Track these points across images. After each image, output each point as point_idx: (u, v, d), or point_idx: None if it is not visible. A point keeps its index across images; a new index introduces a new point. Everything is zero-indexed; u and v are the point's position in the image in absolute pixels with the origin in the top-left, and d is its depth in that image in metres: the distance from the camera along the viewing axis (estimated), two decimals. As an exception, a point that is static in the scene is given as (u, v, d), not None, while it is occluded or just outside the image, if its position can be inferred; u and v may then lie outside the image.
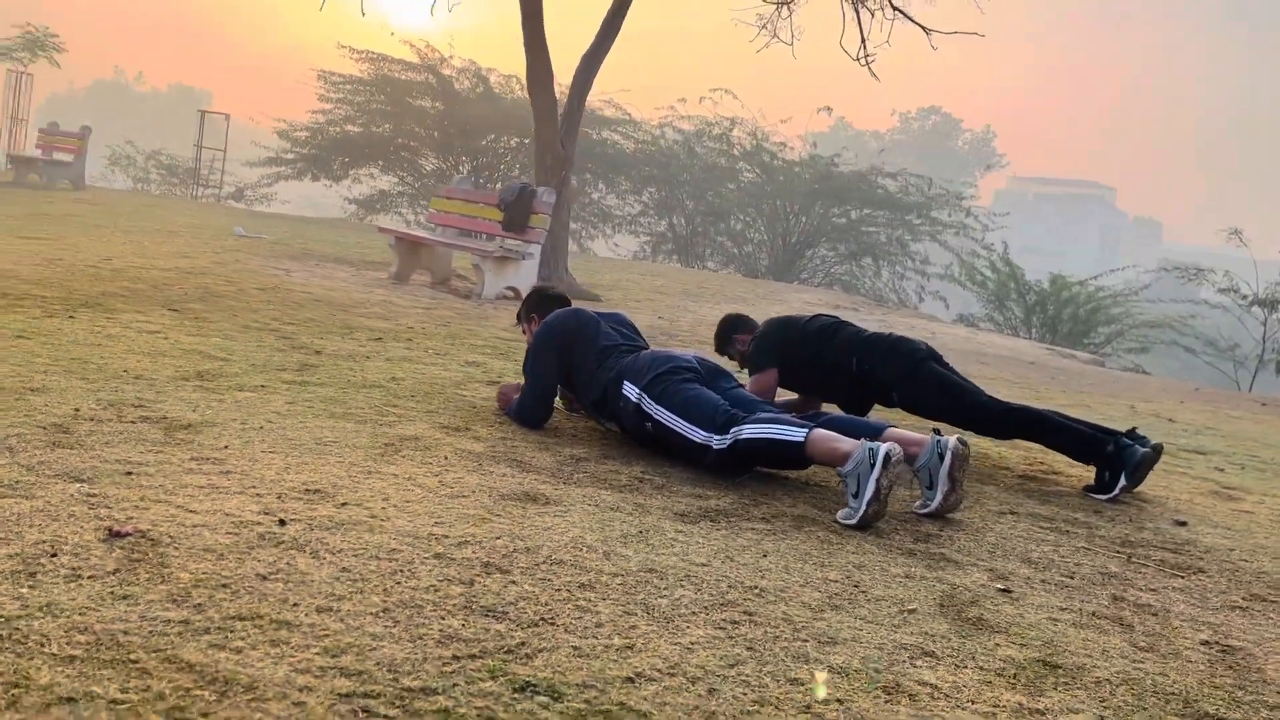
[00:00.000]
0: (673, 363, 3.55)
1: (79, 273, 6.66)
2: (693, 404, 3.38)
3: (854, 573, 2.50)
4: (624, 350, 3.74)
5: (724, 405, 3.35)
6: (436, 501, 2.63)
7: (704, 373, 3.60)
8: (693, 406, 3.37)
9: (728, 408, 3.33)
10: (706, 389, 3.48)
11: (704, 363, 3.66)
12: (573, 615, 1.99)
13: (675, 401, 3.40)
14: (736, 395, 3.55)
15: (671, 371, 3.51)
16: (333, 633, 1.76)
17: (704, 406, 3.35)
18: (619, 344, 3.79)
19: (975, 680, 1.93)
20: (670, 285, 12.49)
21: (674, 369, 3.52)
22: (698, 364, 3.62)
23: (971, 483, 3.75)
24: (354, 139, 20.25)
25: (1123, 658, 2.15)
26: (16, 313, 4.79)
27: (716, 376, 3.63)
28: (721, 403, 3.37)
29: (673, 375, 3.49)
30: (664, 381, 3.47)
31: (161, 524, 2.18)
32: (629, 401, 3.52)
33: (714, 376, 3.62)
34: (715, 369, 3.67)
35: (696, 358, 3.67)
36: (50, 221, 10.73)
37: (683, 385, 3.45)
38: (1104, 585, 2.67)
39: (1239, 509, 3.88)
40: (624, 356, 3.69)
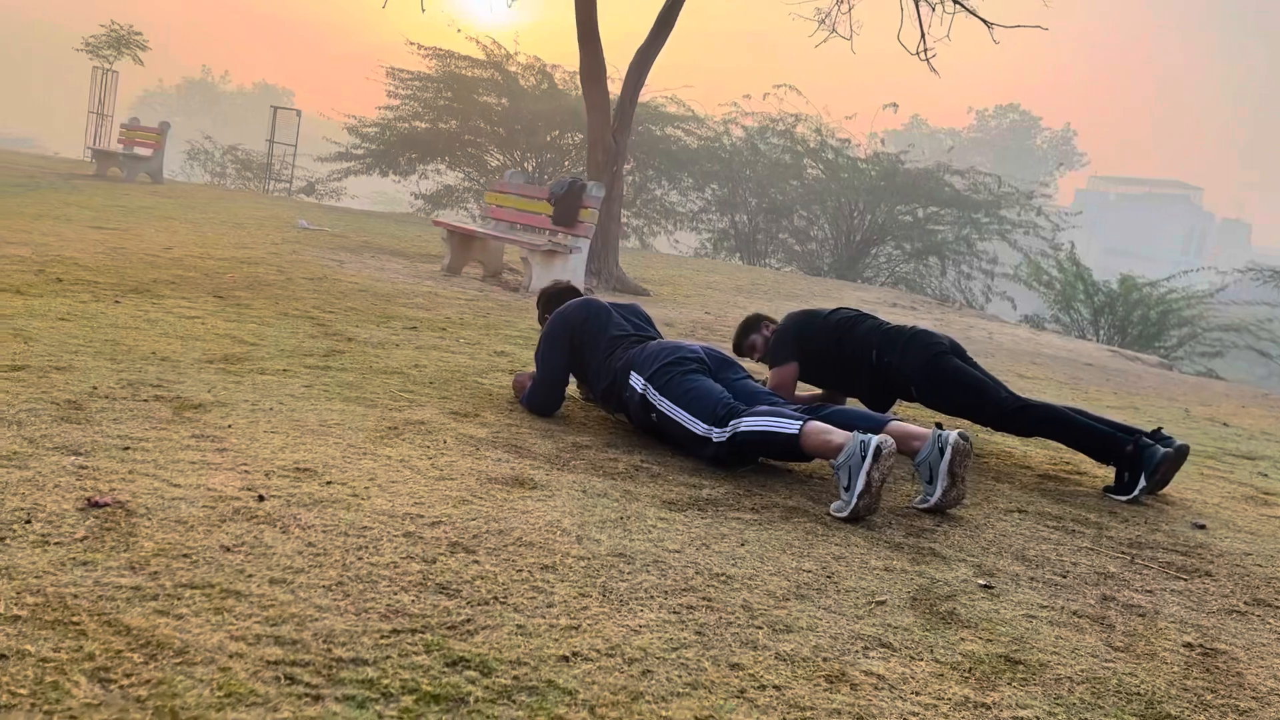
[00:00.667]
0: (679, 353, 3.55)
1: (137, 261, 6.88)
2: (695, 396, 3.37)
3: (831, 564, 2.47)
4: (634, 340, 3.75)
5: (725, 398, 3.34)
6: (422, 483, 2.67)
7: (711, 363, 3.59)
8: (695, 398, 3.36)
9: (728, 400, 3.32)
10: (712, 380, 3.47)
11: (711, 353, 3.64)
12: (526, 595, 2.01)
13: (678, 393, 3.40)
14: (742, 387, 3.53)
15: (676, 362, 3.50)
16: (279, 603, 1.80)
17: (705, 399, 3.34)
18: (629, 334, 3.80)
19: (926, 673, 1.90)
20: (723, 281, 12.44)
21: (679, 359, 3.52)
22: (705, 355, 3.61)
23: (986, 479, 3.70)
24: (421, 135, 20.54)
25: (1092, 656, 2.09)
26: (67, 297, 4.97)
27: (724, 367, 3.61)
28: (723, 395, 3.35)
29: (677, 366, 3.49)
30: (669, 372, 3.47)
31: (142, 496, 2.25)
32: (634, 392, 3.53)
33: (721, 367, 3.60)
34: (723, 359, 3.65)
35: (704, 348, 3.66)
36: (124, 213, 11.08)
37: (686, 376, 3.45)
38: (1097, 585, 2.60)
39: (1269, 514, 3.74)
40: (633, 346, 3.70)
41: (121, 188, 15.09)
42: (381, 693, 1.54)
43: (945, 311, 13.27)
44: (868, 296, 13.20)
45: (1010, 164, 54.33)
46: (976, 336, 10.68)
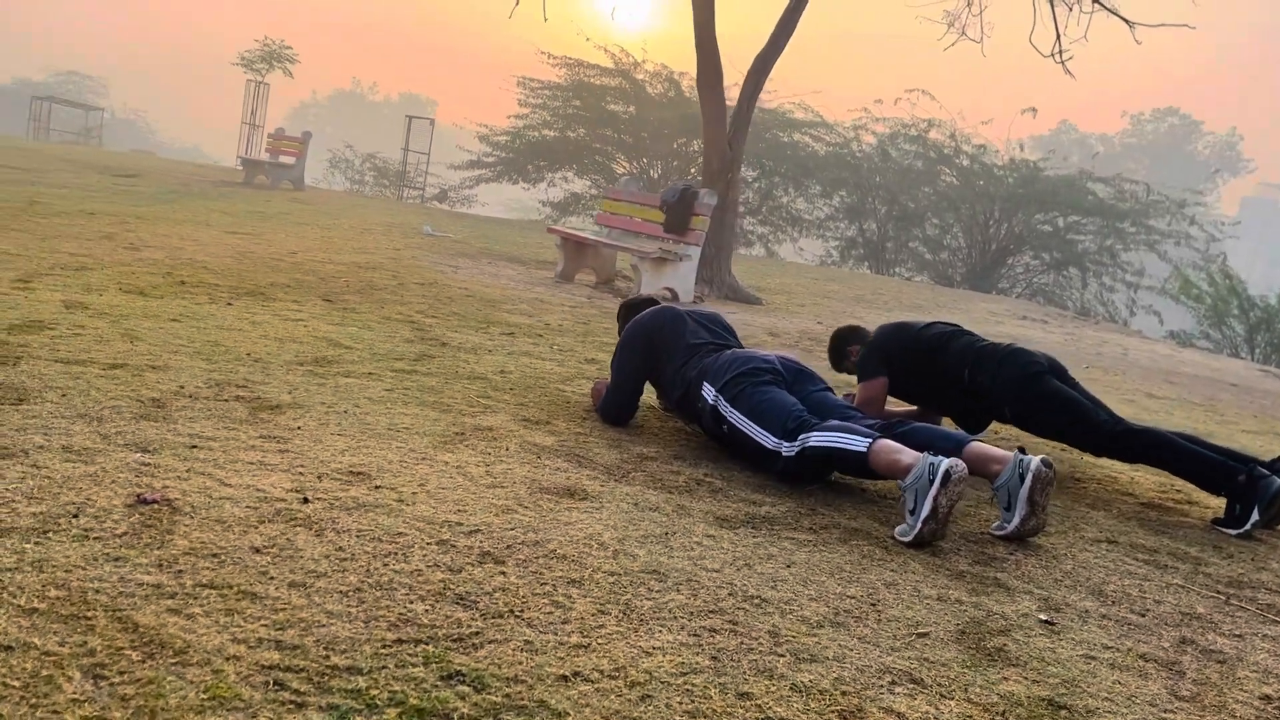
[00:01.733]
0: (752, 364, 3.46)
1: (260, 265, 7.17)
2: (766, 408, 3.28)
3: (879, 590, 2.36)
4: (710, 349, 3.68)
5: (796, 411, 3.23)
6: (471, 490, 2.67)
7: (786, 374, 3.49)
8: (766, 411, 3.27)
9: (799, 413, 3.22)
10: (785, 392, 3.37)
11: (787, 364, 3.55)
12: (543, 609, 1.97)
13: (749, 405, 3.32)
14: (817, 400, 3.42)
15: (750, 373, 3.42)
16: (290, 607, 1.82)
17: (777, 411, 3.25)
18: (706, 342, 3.73)
19: (954, 713, 1.78)
20: (842, 291, 12.20)
21: (753, 370, 3.43)
22: (780, 365, 3.51)
23: (1079, 506, 3.49)
24: (550, 143, 20.89)
25: (1150, 705, 1.93)
26: (183, 299, 5.21)
27: (800, 379, 3.51)
28: (795, 408, 3.25)
29: (750, 377, 3.40)
30: (741, 383, 3.39)
31: (191, 494, 2.31)
32: (706, 403, 3.47)
33: (797, 379, 3.50)
34: (799, 370, 3.54)
35: (779, 358, 3.56)
36: (260, 219, 11.61)
37: (759, 388, 3.36)
38: (1177, 627, 2.41)
39: (1403, 555, 3.40)
40: (708, 355, 3.63)
41: (264, 194, 15.83)
42: (367, 703, 1.53)
43: (1078, 325, 12.68)
44: (996, 308, 12.74)
45: (1168, 171, 51.61)
46: (1109, 353, 10.16)
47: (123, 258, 6.49)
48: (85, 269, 5.76)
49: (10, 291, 4.67)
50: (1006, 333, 10.30)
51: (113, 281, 5.42)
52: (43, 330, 3.90)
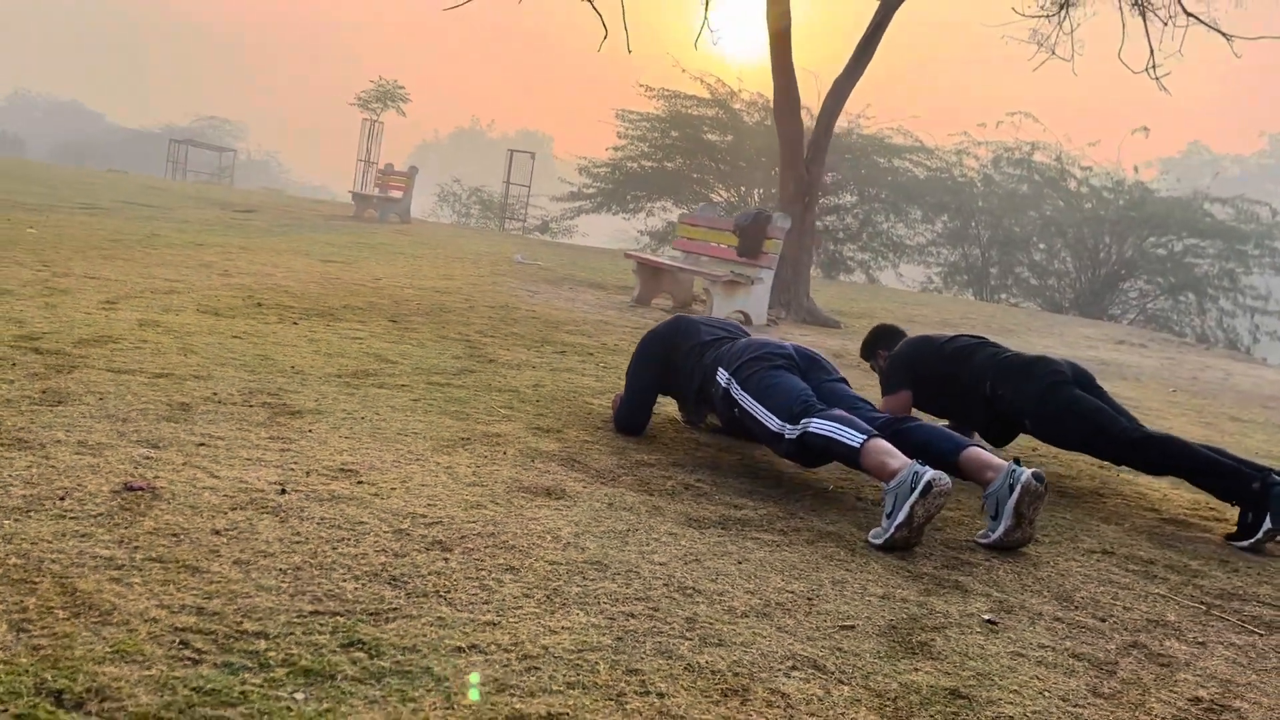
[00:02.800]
0: (766, 349, 3.52)
1: (341, 290, 7.53)
2: (774, 391, 3.31)
3: (824, 587, 2.39)
4: (725, 340, 3.74)
5: (804, 395, 3.25)
6: (450, 488, 2.80)
7: (800, 361, 3.53)
8: (773, 393, 3.31)
9: (806, 398, 3.24)
10: (796, 377, 3.41)
11: (803, 353, 3.58)
12: (470, 591, 2.08)
13: (759, 388, 3.36)
14: (829, 389, 3.44)
15: (763, 358, 3.47)
16: (225, 581, 1.97)
17: (784, 395, 3.28)
18: (721, 337, 3.78)
19: (842, 698, 1.81)
20: (929, 315, 12.01)
21: (765, 355, 3.48)
22: (795, 353, 3.56)
23: (1092, 519, 3.42)
24: (648, 173, 21.19)
25: (1061, 699, 1.91)
26: (252, 319, 5.53)
27: (814, 367, 3.54)
28: (803, 393, 3.27)
29: (762, 361, 3.45)
30: (753, 367, 3.44)
31: (178, 484, 2.50)
32: (719, 387, 3.53)
33: (811, 367, 3.54)
34: (813, 360, 3.58)
35: (795, 348, 3.61)
36: (359, 249, 12.13)
37: (770, 371, 3.40)
38: (1135, 632, 2.36)
39: None
40: (724, 345, 3.68)
41: (371, 227, 16.50)
42: (260, 663, 1.66)
43: (1184, 351, 12.18)
44: (1093, 334, 12.34)
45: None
46: (1208, 378, 9.74)
47: (212, 283, 6.90)
48: (173, 292, 6.16)
49: (94, 311, 5.05)
50: (1098, 358, 9.99)
51: (193, 303, 5.79)
52: (107, 344, 4.21)
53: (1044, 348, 10.31)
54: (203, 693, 1.54)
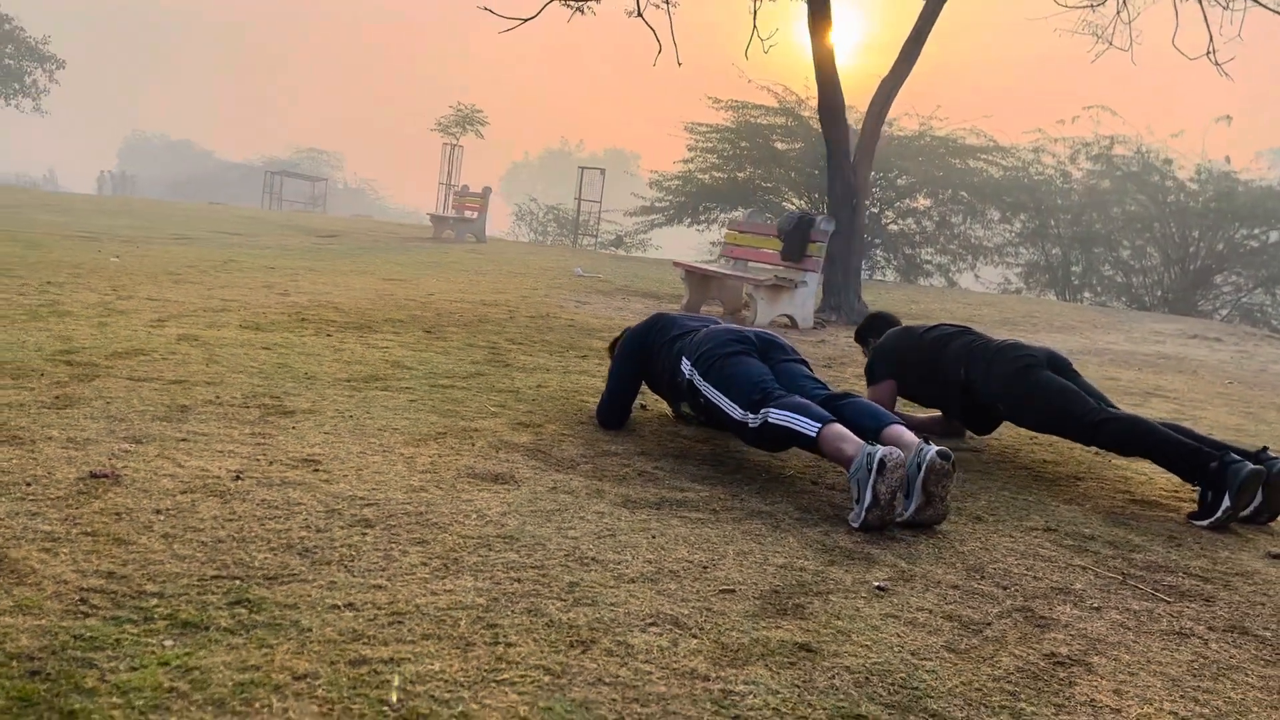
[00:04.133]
0: (726, 336, 3.63)
1: (389, 305, 7.85)
2: (734, 380, 3.42)
3: (726, 558, 2.49)
4: (693, 333, 3.84)
5: (763, 382, 3.36)
6: (402, 474, 2.99)
7: (759, 344, 3.63)
8: (733, 382, 3.42)
9: (765, 385, 3.34)
10: (755, 361, 3.51)
11: (762, 336, 3.69)
12: (373, 561, 2.25)
13: (720, 377, 3.47)
14: (785, 369, 3.54)
15: (722, 345, 3.58)
16: (146, 551, 2.18)
17: (744, 382, 3.39)
18: (692, 329, 3.88)
19: (688, 649, 1.92)
20: (990, 315, 11.84)
21: (725, 342, 3.59)
22: (754, 337, 3.66)
23: (1056, 501, 3.44)
24: (719, 184, 21.28)
25: (910, 653, 1.99)
26: (289, 332, 5.85)
27: (771, 349, 3.64)
28: (762, 379, 3.38)
29: (722, 349, 3.56)
30: (713, 355, 3.55)
31: (142, 472, 2.75)
32: (684, 378, 3.65)
33: (769, 349, 3.64)
34: (771, 341, 3.68)
35: (754, 331, 3.71)
36: (423, 268, 12.53)
37: (729, 360, 3.51)
38: (1030, 599, 2.40)
39: None
40: (690, 336, 3.79)
41: (444, 247, 16.99)
42: (145, 617, 1.86)
43: (1260, 344, 11.72)
44: (1164, 328, 11.99)
45: None
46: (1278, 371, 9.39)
47: (267, 301, 7.28)
48: (225, 310, 6.54)
49: (141, 328, 5.42)
50: (1160, 352, 9.73)
51: (239, 320, 6.13)
52: (138, 356, 4.54)
53: (1106, 343, 10.09)
54: (81, 639, 1.75)
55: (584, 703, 1.67)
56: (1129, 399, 6.26)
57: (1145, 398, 6.42)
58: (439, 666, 1.75)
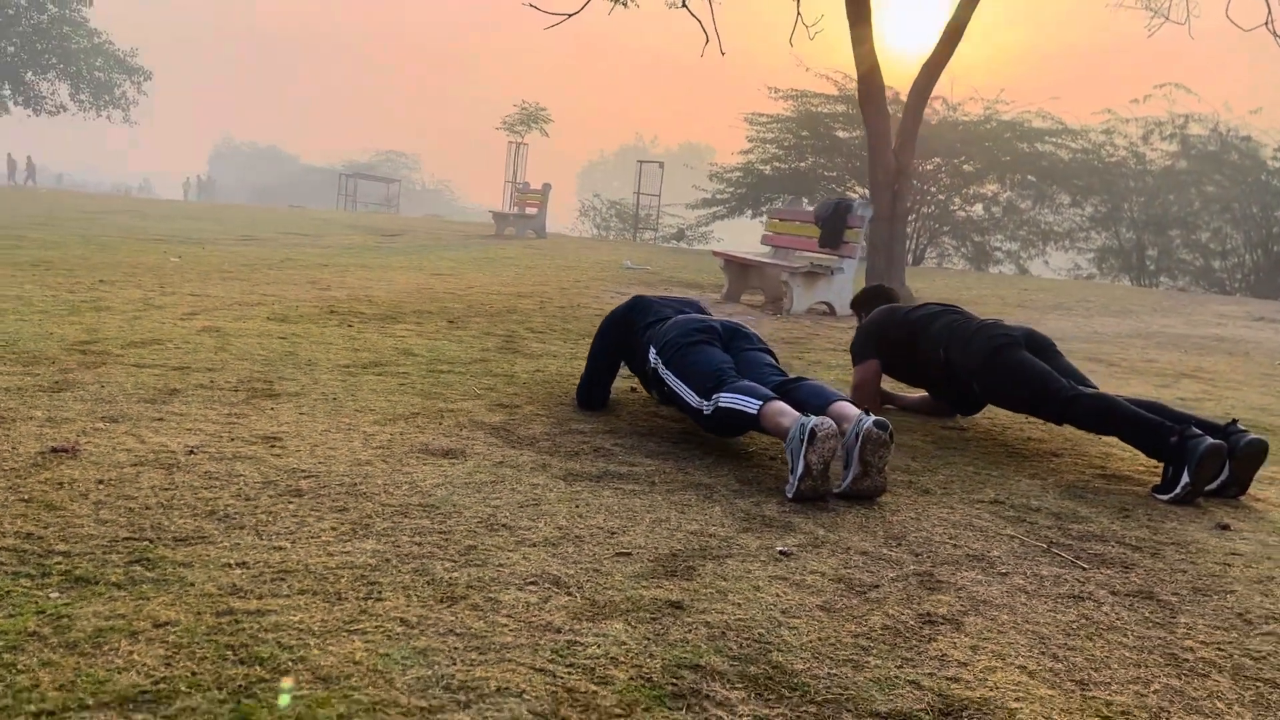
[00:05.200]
0: (691, 325, 3.66)
1: (423, 298, 8.03)
2: (692, 368, 3.46)
3: (638, 524, 2.53)
4: (664, 320, 3.88)
5: (719, 369, 3.39)
6: (355, 450, 3.09)
7: (723, 333, 3.66)
8: (692, 370, 3.45)
9: (720, 371, 3.38)
10: (716, 350, 3.54)
11: (727, 325, 3.71)
12: (284, 525, 2.35)
13: (680, 365, 3.51)
14: (746, 358, 3.56)
15: (686, 334, 3.61)
16: (70, 515, 2.31)
17: (701, 370, 3.42)
18: (664, 316, 3.92)
19: (557, 605, 1.98)
20: (1042, 300, 11.59)
21: (689, 331, 3.63)
22: (720, 327, 3.69)
23: (1022, 475, 3.41)
24: (781, 175, 21.18)
25: (781, 612, 2.01)
26: (313, 323, 6.04)
27: (735, 337, 3.67)
28: (718, 367, 3.41)
29: (685, 338, 3.60)
30: (677, 344, 3.59)
31: (102, 447, 2.90)
32: (649, 365, 3.70)
33: (733, 337, 3.67)
34: (735, 330, 3.70)
35: (720, 321, 3.74)
36: (476, 263, 12.75)
37: (691, 348, 3.54)
38: (938, 565, 2.40)
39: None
40: (659, 324, 3.83)
41: (503, 243, 17.23)
42: (43, 572, 1.99)
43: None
44: (1229, 310, 11.59)
45: None
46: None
47: (302, 295, 7.51)
48: (259, 304, 6.76)
49: (169, 321, 5.65)
50: (1217, 334, 9.42)
51: (268, 313, 6.34)
52: (153, 346, 4.75)
53: (1160, 326, 9.80)
54: (-26, 589, 1.88)
55: (424, 650, 1.74)
56: (1156, 380, 6.10)
57: (1176, 379, 6.25)
58: (299, 618, 1.84)
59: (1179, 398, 5.46)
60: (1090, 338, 8.46)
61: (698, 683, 1.70)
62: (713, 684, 1.70)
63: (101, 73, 39.51)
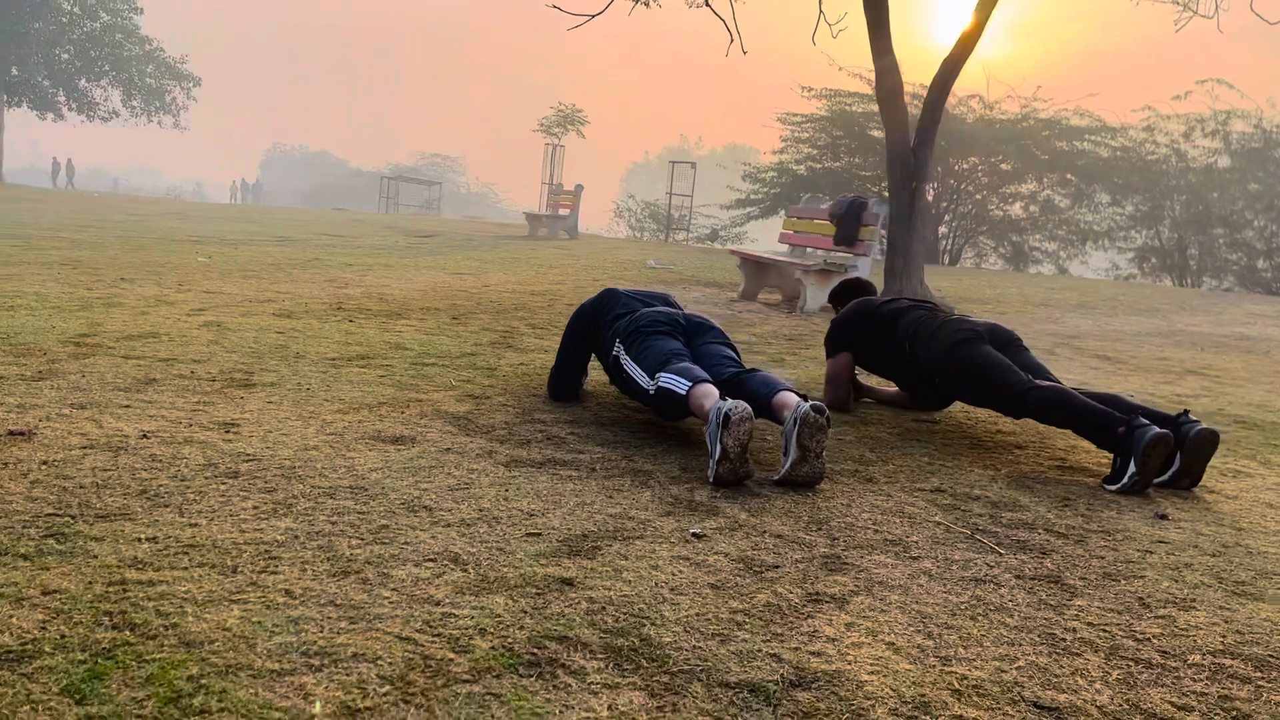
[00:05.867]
0: (655, 316, 3.70)
1: (437, 294, 8.13)
2: (647, 353, 3.51)
3: (561, 507, 2.57)
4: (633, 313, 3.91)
5: (669, 354, 3.43)
6: (306, 436, 3.16)
7: (687, 326, 3.70)
8: (646, 356, 3.50)
9: (668, 355, 3.42)
10: (674, 341, 3.58)
11: (692, 320, 3.75)
12: (207, 504, 2.42)
13: (637, 351, 3.56)
14: (707, 350, 3.59)
15: (650, 324, 3.66)
16: (3, 494, 2.40)
17: (655, 355, 3.47)
18: (631, 310, 3.96)
19: (443, 581, 2.02)
20: (1065, 299, 11.43)
21: (652, 322, 3.67)
22: (684, 319, 3.72)
23: (977, 466, 3.39)
24: (814, 174, 21.09)
25: (663, 586, 2.04)
26: (316, 318, 6.15)
27: (699, 332, 3.70)
28: (669, 352, 3.45)
29: (649, 328, 3.64)
30: (639, 334, 3.63)
31: (59, 431, 3.00)
32: (612, 357, 3.74)
33: (696, 331, 3.70)
34: (700, 325, 3.73)
35: (685, 314, 3.77)
36: (499, 263, 12.86)
37: (651, 337, 3.59)
38: (850, 549, 2.41)
39: None
40: (626, 317, 3.87)
41: (534, 244, 17.35)
42: (-40, 542, 2.07)
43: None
44: (1262, 310, 11.35)
45: None
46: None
47: (316, 293, 7.64)
48: (269, 301, 6.90)
49: (173, 316, 5.79)
50: (1240, 333, 9.23)
51: (275, 309, 6.47)
52: (149, 339, 4.87)
53: (1185, 325, 9.63)
54: (-114, 557, 1.96)
55: (297, 619, 1.79)
56: (1158, 377, 6.01)
57: (1181, 376, 6.15)
58: (188, 589, 1.90)
59: (1176, 393, 5.38)
60: (1105, 335, 8.34)
61: (559, 653, 1.73)
62: (574, 654, 1.73)
63: (153, 79, 40.44)
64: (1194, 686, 1.75)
